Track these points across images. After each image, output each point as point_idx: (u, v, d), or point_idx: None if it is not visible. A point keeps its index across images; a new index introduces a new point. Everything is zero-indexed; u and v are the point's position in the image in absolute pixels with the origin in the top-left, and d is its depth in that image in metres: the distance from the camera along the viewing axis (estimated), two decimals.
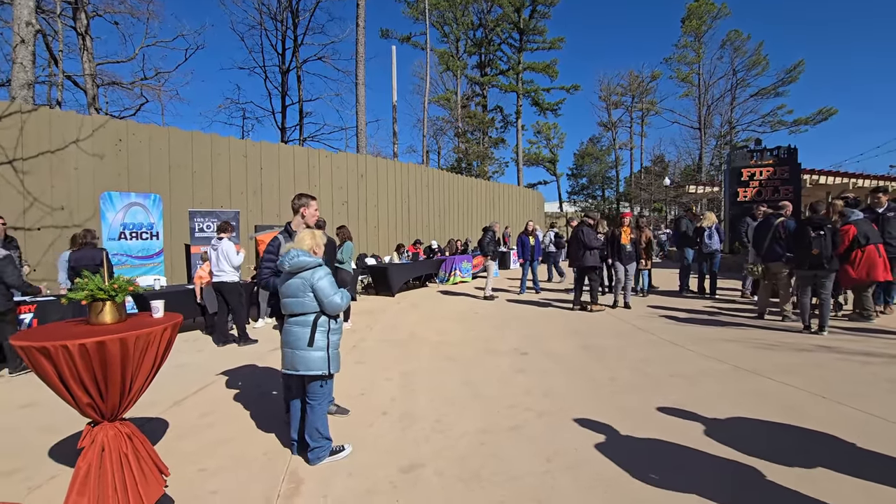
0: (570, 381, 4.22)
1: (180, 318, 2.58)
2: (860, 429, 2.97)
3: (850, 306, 6.17)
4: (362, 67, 15.98)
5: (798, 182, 14.11)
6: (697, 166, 36.03)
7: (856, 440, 2.80)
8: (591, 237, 7.61)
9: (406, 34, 30.68)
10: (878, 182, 22.23)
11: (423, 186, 15.41)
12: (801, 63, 32.06)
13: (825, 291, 5.31)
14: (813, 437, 2.89)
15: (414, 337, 6.34)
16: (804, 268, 5.42)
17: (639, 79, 39.01)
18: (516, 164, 34.80)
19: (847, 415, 3.21)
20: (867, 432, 2.91)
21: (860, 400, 3.43)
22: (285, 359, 2.85)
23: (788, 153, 14.05)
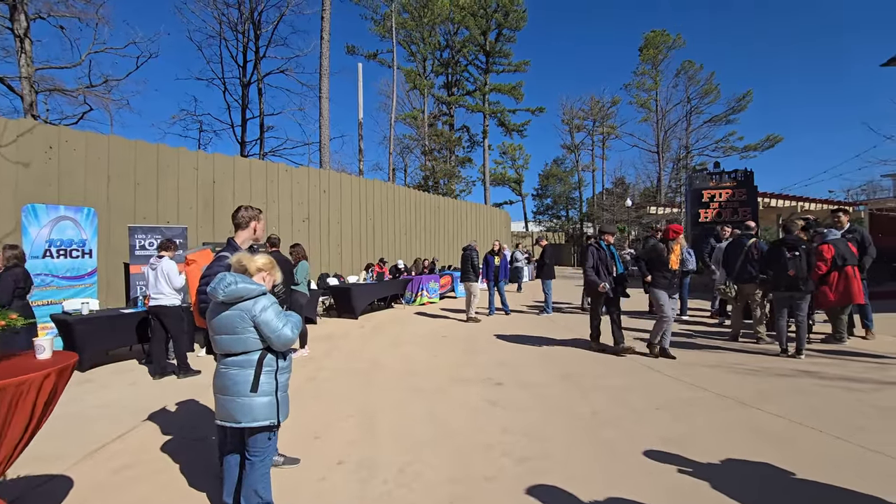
0: (549, 416, 3.84)
1: (73, 360, 2.04)
2: (866, 469, 2.73)
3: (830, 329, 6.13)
4: (326, 81, 15.56)
5: (755, 204, 14.59)
6: (656, 188, 37.31)
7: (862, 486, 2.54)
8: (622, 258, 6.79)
9: (373, 51, 30.56)
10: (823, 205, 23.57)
11: (389, 204, 14.99)
12: (750, 93, 34.06)
13: (802, 313, 5.22)
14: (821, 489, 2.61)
15: (377, 365, 5.84)
16: (780, 289, 5.32)
17: (599, 104, 40.37)
18: (483, 184, 34.95)
19: (847, 453, 2.97)
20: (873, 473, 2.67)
21: (855, 433, 3.22)
22: (220, 408, 2.33)
23: (745, 176, 14.56)
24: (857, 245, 5.98)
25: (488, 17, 32.45)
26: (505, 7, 32.04)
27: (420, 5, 29.85)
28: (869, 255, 6.00)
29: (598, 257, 5.93)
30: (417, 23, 30.22)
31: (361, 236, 13.56)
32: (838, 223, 6.34)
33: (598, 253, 5.95)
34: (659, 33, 34.99)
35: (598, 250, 5.98)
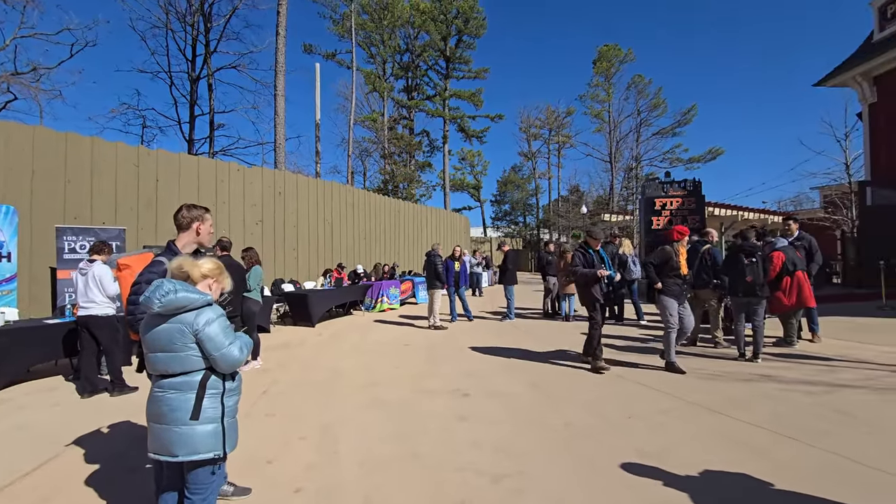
0: (522, 429, 3.67)
1: None
2: (840, 478, 2.73)
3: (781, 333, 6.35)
4: (282, 79, 14.96)
5: (703, 212, 15.23)
6: (609, 196, 38.58)
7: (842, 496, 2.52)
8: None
9: (331, 51, 29.90)
10: (760, 215, 25.15)
11: (348, 207, 14.55)
12: (694, 107, 35.95)
13: (759, 318, 5.37)
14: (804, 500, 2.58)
15: (336, 376, 5.50)
16: (738, 295, 5.46)
17: (555, 113, 41.46)
18: (443, 189, 34.88)
19: (821, 460, 2.98)
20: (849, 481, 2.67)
21: (822, 438, 3.25)
22: (154, 439, 1.98)
23: (694, 185, 15.20)
24: (805, 252, 6.26)
25: (448, 22, 32.58)
26: (465, 14, 32.27)
27: (380, 7, 29.54)
28: (815, 262, 6.29)
29: (586, 262, 5.53)
30: (377, 25, 29.88)
31: (319, 240, 13.04)
32: (789, 231, 6.62)
33: (584, 258, 5.56)
34: (612, 47, 36.34)
35: (584, 255, 5.57)
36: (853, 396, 4.13)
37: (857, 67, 13.50)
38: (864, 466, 2.83)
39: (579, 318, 9.69)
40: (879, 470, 2.77)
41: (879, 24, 13.28)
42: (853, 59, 13.98)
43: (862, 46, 14.08)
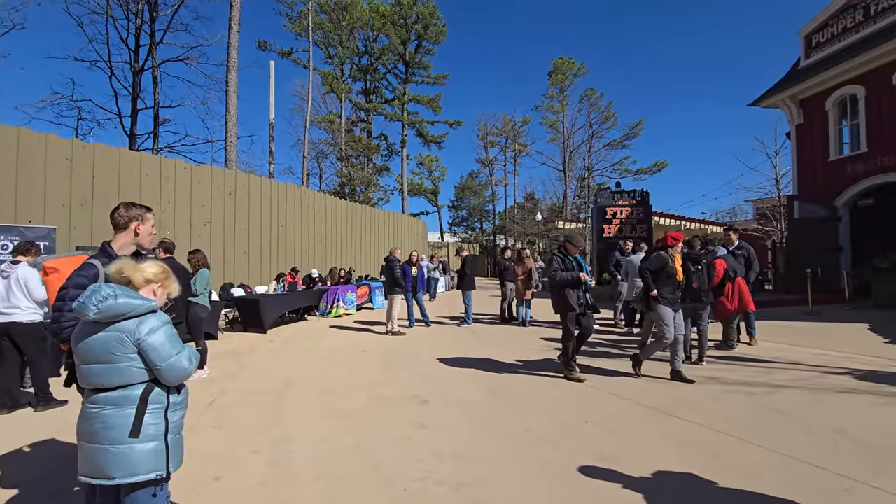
0: (482, 436, 3.65)
1: None
2: (782, 475, 2.89)
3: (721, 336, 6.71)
4: (235, 75, 14.37)
5: (650, 221, 16.02)
6: (563, 204, 39.74)
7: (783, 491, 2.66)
8: None
9: (287, 49, 29.13)
10: (700, 224, 26.70)
11: (303, 209, 14.14)
12: (642, 122, 37.75)
13: (703, 323, 5.65)
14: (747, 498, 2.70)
15: (290, 385, 5.28)
16: (685, 301, 5.71)
17: (512, 122, 42.28)
18: (401, 193, 34.68)
19: (765, 458, 3.15)
20: (791, 478, 2.83)
21: (765, 437, 3.44)
22: (86, 461, 1.78)
23: (642, 196, 15.95)
24: (745, 260, 6.67)
25: (408, 27, 32.56)
26: (425, 19, 32.38)
27: (339, 8, 29.10)
28: (753, 270, 6.72)
29: (564, 267, 5.27)
30: (336, 25, 29.40)
31: (272, 243, 12.58)
32: (729, 241, 7.03)
33: (563, 263, 5.30)
34: (566, 60, 37.56)
35: (563, 260, 5.32)
36: (790, 397, 4.41)
37: (786, 90, 14.66)
38: (804, 463, 3.01)
39: (536, 323, 9.88)
40: (818, 467, 2.95)
41: (806, 52, 14.49)
42: (783, 82, 15.17)
43: (791, 71, 15.30)
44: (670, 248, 5.23)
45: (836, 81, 13.31)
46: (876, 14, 12.25)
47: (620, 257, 9.44)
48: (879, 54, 11.84)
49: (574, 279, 5.16)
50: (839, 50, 13.16)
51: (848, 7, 13.06)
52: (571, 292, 5.20)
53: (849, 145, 13.49)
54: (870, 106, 12.51)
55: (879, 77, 12.15)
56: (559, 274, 5.22)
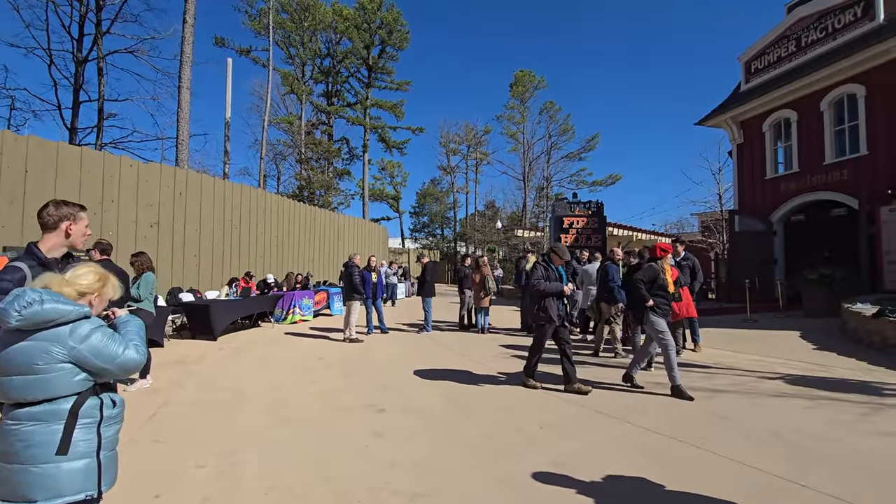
0: (440, 444, 3.64)
1: None
2: (724, 477, 3.04)
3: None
4: (188, 70, 13.80)
5: (604, 231, 16.59)
6: (522, 213, 40.55)
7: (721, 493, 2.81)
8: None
9: (245, 47, 28.23)
10: (650, 236, 27.94)
11: (260, 212, 13.70)
12: (598, 136, 39.26)
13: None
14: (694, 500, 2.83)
15: (240, 395, 5.07)
16: (636, 309, 5.94)
17: (473, 131, 42.84)
18: (362, 198, 34.28)
19: (709, 461, 3.31)
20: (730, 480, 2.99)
21: (708, 441, 3.61)
22: (2, 482, 1.64)
23: (597, 207, 16.51)
24: (690, 270, 7.03)
25: (372, 32, 32.42)
26: (389, 25, 32.35)
27: (301, 8, 28.61)
28: (698, 280, 7.10)
29: (548, 277, 5.12)
30: (297, 25, 28.87)
31: (225, 247, 12.10)
32: (676, 252, 7.39)
33: (546, 272, 5.14)
34: (527, 73, 38.54)
35: (546, 269, 5.16)
36: (729, 401, 4.66)
37: (728, 112, 15.66)
38: (743, 465, 3.18)
39: (494, 330, 9.98)
40: (755, 468, 3.13)
41: (745, 77, 15.55)
42: (725, 104, 16.19)
43: (732, 94, 16.36)
44: (660, 259, 5.24)
45: (772, 105, 14.35)
46: (806, 45, 13.33)
47: (577, 266, 9.71)
48: (809, 82, 12.87)
49: (558, 290, 5.03)
50: (775, 77, 14.21)
51: (782, 38, 14.14)
52: (553, 303, 5.07)
53: (783, 165, 14.55)
54: (801, 129, 13.56)
55: (809, 103, 13.20)
56: (542, 284, 5.05)
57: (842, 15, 12.38)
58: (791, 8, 15.13)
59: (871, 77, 11.62)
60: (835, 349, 7.09)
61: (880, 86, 11.43)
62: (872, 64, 11.48)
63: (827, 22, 12.78)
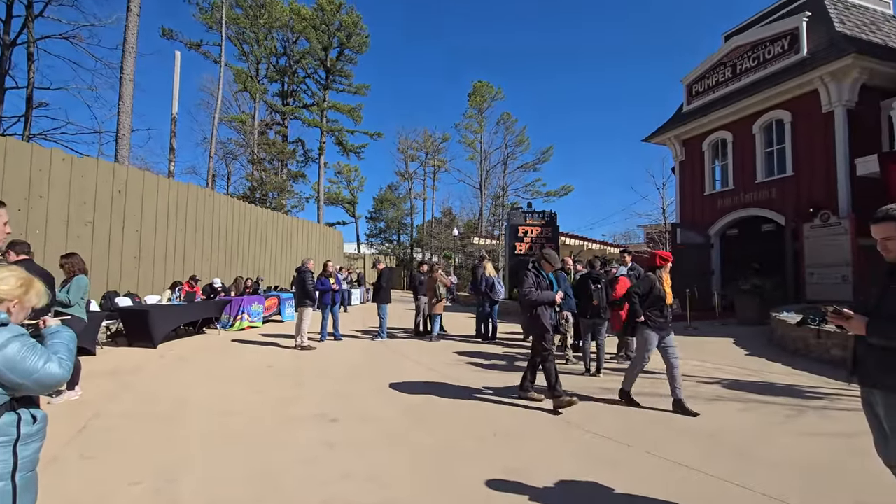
0: (394, 453, 3.59)
1: None
2: (670, 479, 3.19)
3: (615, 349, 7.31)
4: (132, 61, 13.03)
5: (557, 241, 17.08)
6: (478, 221, 41.08)
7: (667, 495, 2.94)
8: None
9: (196, 41, 27.08)
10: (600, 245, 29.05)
11: (207, 213, 13.09)
12: (552, 148, 40.57)
13: (601, 337, 6.12)
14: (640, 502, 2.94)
15: (182, 406, 4.79)
16: (586, 317, 6.16)
17: (432, 138, 43.06)
18: (317, 202, 33.53)
19: (653, 465, 3.45)
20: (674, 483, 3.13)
21: (656, 446, 3.76)
22: None
23: (551, 217, 17.00)
24: (636, 280, 7.35)
25: (331, 33, 31.98)
26: (348, 28, 32.04)
27: (256, 5, 27.80)
28: None
29: (539, 285, 4.91)
30: (252, 22, 28.02)
31: (168, 249, 11.45)
32: (623, 261, 7.73)
33: (536, 279, 4.94)
34: (485, 84, 39.26)
35: (536, 276, 4.97)
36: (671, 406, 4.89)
37: (672, 131, 16.63)
38: (685, 467, 3.34)
39: (449, 337, 10.00)
40: (696, 470, 3.30)
41: (688, 99, 16.57)
42: (669, 123, 17.18)
43: (676, 114, 17.37)
44: (659, 268, 4.97)
45: (710, 126, 15.37)
46: (741, 72, 14.40)
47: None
48: (743, 106, 13.91)
49: (549, 299, 4.84)
50: (713, 100, 15.24)
51: (719, 64, 15.21)
52: (545, 311, 4.87)
53: (720, 182, 15.59)
54: (736, 150, 14.61)
55: (743, 126, 14.26)
56: (534, 293, 4.81)
57: (772, 46, 13.49)
58: (728, 37, 16.35)
59: (796, 105, 12.71)
60: (764, 355, 7.64)
61: (804, 113, 12.52)
62: (797, 93, 12.57)
63: (759, 52, 13.87)
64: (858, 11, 13.83)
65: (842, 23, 12.60)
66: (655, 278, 4.90)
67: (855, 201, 11.18)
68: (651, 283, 4.88)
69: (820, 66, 11.57)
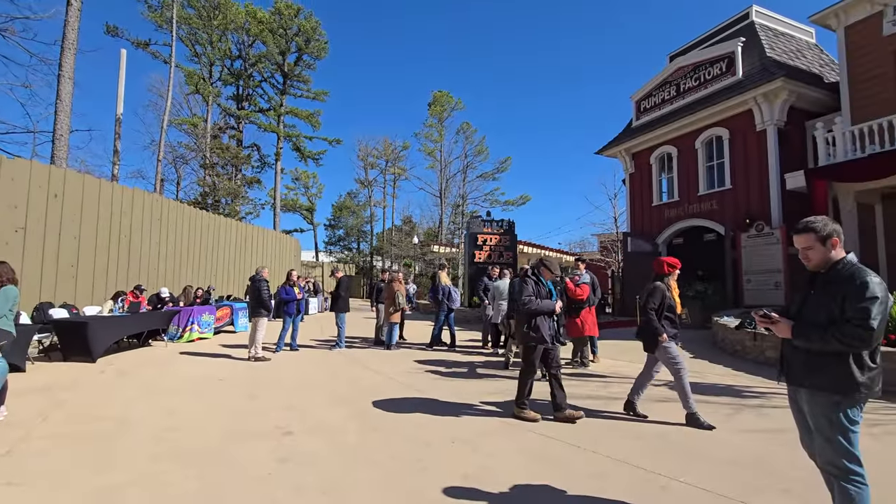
0: (349, 465, 3.54)
1: None
2: (619, 479, 3.32)
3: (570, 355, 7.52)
4: (71, 58, 12.31)
5: (515, 249, 17.42)
6: (438, 229, 41.26)
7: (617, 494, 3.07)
8: None
9: (144, 40, 25.85)
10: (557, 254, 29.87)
11: (154, 219, 12.49)
12: (509, 158, 41.49)
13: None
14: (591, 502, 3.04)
15: (124, 424, 4.52)
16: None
17: (392, 146, 43.00)
18: (273, 209, 32.65)
19: (603, 465, 3.59)
20: (623, 482, 3.27)
21: (603, 445, 3.92)
22: None
23: (509, 225, 17.34)
24: (590, 286, 7.63)
25: (288, 38, 31.45)
26: (307, 33, 31.61)
27: (210, 6, 26.96)
28: (596, 296, 7.72)
29: (538, 293, 4.74)
30: (206, 23, 27.13)
31: (111, 257, 10.82)
32: (578, 270, 7.99)
33: (537, 287, 4.77)
34: (445, 94, 39.68)
35: (537, 284, 4.80)
36: (622, 407, 5.09)
37: (622, 144, 17.43)
38: (634, 466, 3.49)
39: (407, 345, 9.97)
40: (644, 469, 3.46)
41: (636, 115, 17.43)
42: (620, 137, 17.99)
43: (626, 129, 18.22)
44: (667, 276, 4.71)
45: (657, 141, 16.24)
46: (684, 91, 15.33)
47: (488, 282, 10.07)
48: (686, 123, 14.81)
49: (549, 308, 4.68)
50: (659, 116, 16.12)
51: (665, 83, 16.13)
52: (545, 322, 4.68)
53: (666, 194, 16.45)
54: (680, 164, 15.49)
55: (686, 141, 15.16)
56: (535, 302, 4.63)
57: (711, 68, 14.45)
58: (672, 57, 17.39)
59: (733, 123, 13.66)
60: (707, 357, 8.09)
61: (740, 131, 13.47)
62: (734, 112, 13.52)
63: (700, 73, 14.82)
64: (786, 39, 15.10)
65: (772, 49, 13.69)
66: (664, 287, 4.64)
67: (785, 213, 12.11)
68: (662, 292, 4.59)
69: (753, 88, 12.52)
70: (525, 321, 4.71)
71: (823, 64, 14.74)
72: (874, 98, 10.70)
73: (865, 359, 2.18)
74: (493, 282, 9.59)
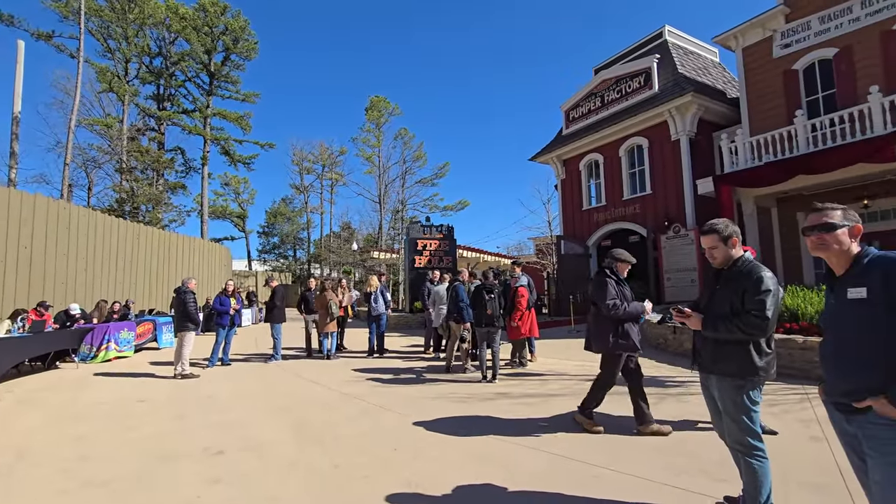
0: (287, 478, 3.42)
1: None
2: (558, 473, 3.47)
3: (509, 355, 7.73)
4: None
5: (455, 253, 17.64)
6: (378, 235, 40.84)
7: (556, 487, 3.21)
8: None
9: (46, 31, 23.49)
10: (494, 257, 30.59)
11: (61, 228, 11.35)
12: (448, 164, 41.94)
13: (496, 345, 6.44)
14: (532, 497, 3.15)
15: (24, 456, 4.07)
16: (481, 325, 6.45)
17: (329, 151, 42.14)
18: (200, 216, 30.74)
19: (542, 461, 3.73)
20: (561, 475, 3.42)
21: (549, 444, 4.06)
22: None
23: (448, 230, 17.54)
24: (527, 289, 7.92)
25: (215, 36, 29.91)
26: (235, 33, 30.24)
27: None
28: (532, 297, 8.02)
29: (622, 295, 4.19)
30: (119, 16, 25.17)
31: (9, 271, 9.69)
32: (515, 273, 8.25)
33: (619, 288, 4.23)
34: (381, 99, 39.50)
35: (618, 283, 4.25)
36: (560, 403, 5.30)
37: (553, 151, 18.27)
38: (570, 459, 3.67)
39: (346, 354, 9.79)
40: (578, 461, 3.64)
41: (566, 124, 18.34)
42: (551, 144, 18.83)
43: (557, 137, 19.11)
44: None
45: (585, 149, 17.19)
46: (608, 102, 16.37)
47: (430, 286, 10.12)
48: (610, 132, 15.83)
49: (639, 311, 4.10)
50: (586, 125, 17.08)
51: (590, 94, 17.14)
52: (633, 327, 4.12)
53: (595, 198, 17.43)
54: (606, 170, 16.49)
55: (611, 149, 16.18)
56: (622, 306, 4.04)
57: (631, 81, 15.55)
58: (597, 70, 18.47)
59: (652, 133, 14.78)
60: None
61: (658, 140, 14.60)
62: (652, 123, 14.63)
63: (622, 86, 15.90)
64: (694, 57, 16.59)
65: (682, 66, 15.00)
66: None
67: (698, 216, 13.26)
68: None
69: (668, 101, 13.63)
70: (611, 329, 4.10)
71: (726, 81, 16.37)
72: (768, 112, 12.04)
73: (763, 345, 2.46)
74: (434, 286, 9.66)
